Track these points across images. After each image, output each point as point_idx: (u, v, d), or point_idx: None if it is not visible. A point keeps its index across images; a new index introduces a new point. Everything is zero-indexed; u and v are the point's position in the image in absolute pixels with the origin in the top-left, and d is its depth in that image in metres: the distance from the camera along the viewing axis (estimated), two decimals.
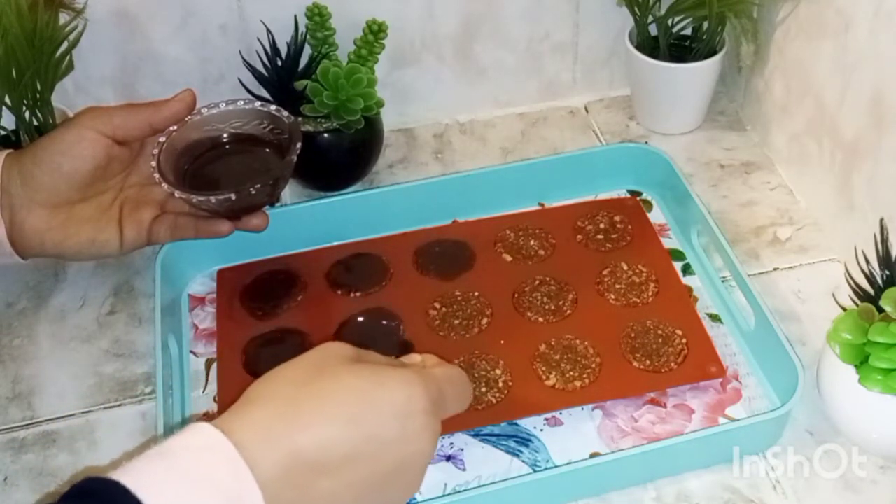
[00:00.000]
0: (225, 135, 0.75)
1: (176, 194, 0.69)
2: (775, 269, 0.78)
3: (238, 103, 0.74)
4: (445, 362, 0.56)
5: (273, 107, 0.74)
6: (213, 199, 0.69)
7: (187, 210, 0.73)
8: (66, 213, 0.69)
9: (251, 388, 0.48)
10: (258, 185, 0.69)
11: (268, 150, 0.74)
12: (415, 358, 0.56)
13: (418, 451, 0.49)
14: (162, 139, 0.71)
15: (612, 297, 0.75)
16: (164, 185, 0.69)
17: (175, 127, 0.72)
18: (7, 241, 0.69)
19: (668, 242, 0.80)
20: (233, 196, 0.69)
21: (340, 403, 0.47)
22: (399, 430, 0.48)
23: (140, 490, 0.41)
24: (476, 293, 0.75)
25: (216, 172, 0.73)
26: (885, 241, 0.63)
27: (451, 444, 0.67)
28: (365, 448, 0.47)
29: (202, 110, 0.74)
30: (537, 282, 0.76)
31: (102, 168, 0.70)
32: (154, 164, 0.70)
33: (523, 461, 0.65)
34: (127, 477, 0.42)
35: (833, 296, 0.66)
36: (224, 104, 0.74)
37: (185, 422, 0.68)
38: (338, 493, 0.46)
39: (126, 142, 0.71)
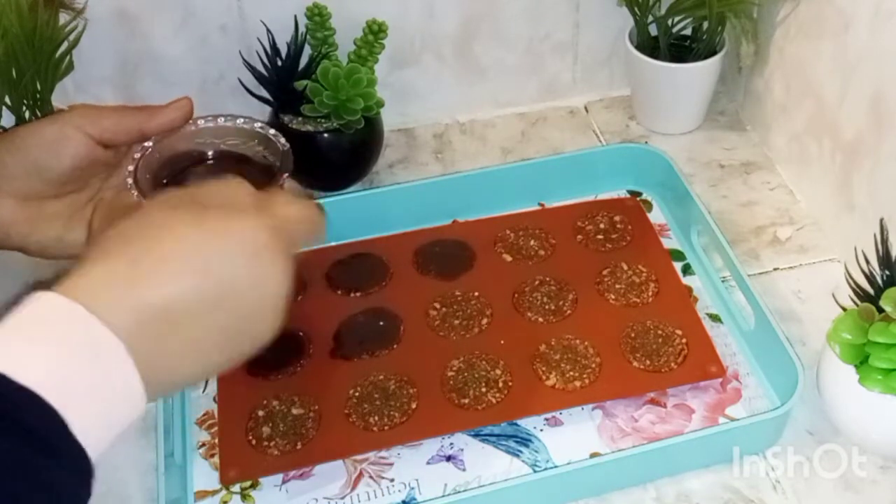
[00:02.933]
0: (213, 150, 0.69)
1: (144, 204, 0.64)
2: (775, 269, 0.78)
3: (238, 121, 0.68)
4: (292, 192, 0.55)
5: (272, 131, 0.68)
6: None
7: None
8: (36, 207, 0.65)
9: (88, 249, 0.47)
10: None
11: (255, 172, 0.67)
12: (268, 192, 0.53)
13: (271, 289, 0.49)
14: (147, 144, 0.66)
15: (612, 297, 0.75)
16: (134, 193, 0.63)
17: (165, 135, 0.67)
18: None
19: (668, 242, 0.80)
20: None
21: (182, 253, 0.46)
22: (249, 272, 0.47)
23: (1, 366, 0.40)
24: (476, 293, 0.75)
25: (197, 184, 0.69)
26: (885, 241, 0.63)
27: (451, 444, 0.67)
28: (217, 292, 0.46)
29: (198, 121, 0.68)
30: (537, 282, 0.76)
31: (82, 169, 0.66)
32: (131, 168, 0.64)
33: (523, 461, 0.65)
34: None
35: (833, 296, 0.66)
36: (222, 119, 0.68)
37: (184, 422, 0.68)
38: (199, 339, 0.46)
39: (112, 145, 0.66)
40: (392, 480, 0.65)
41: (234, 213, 0.49)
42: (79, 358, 0.42)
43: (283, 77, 0.82)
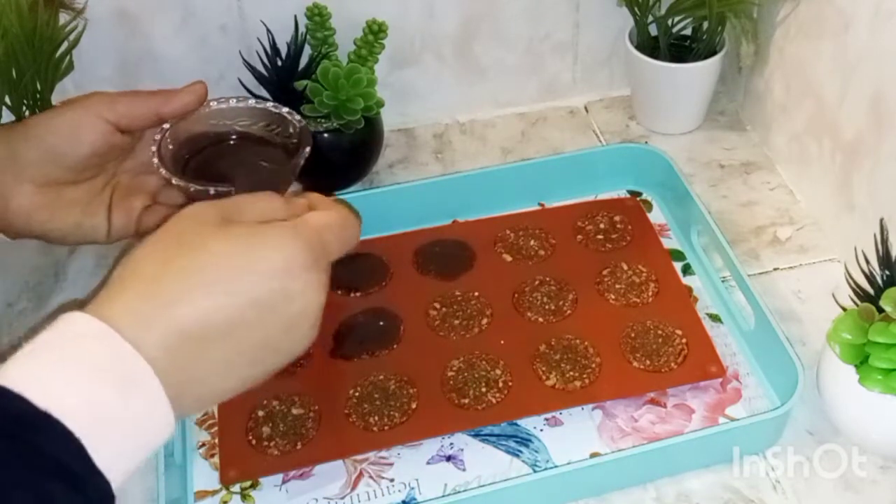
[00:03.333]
0: (231, 132, 0.71)
1: (174, 181, 0.65)
2: (775, 269, 0.78)
3: (249, 101, 0.71)
4: (326, 200, 0.54)
5: (285, 109, 0.70)
6: (211, 190, 0.65)
7: (180, 202, 0.69)
8: (55, 193, 0.66)
9: (116, 271, 0.46)
10: (262, 178, 0.66)
11: (276, 150, 0.70)
12: (299, 202, 0.53)
13: (305, 307, 0.48)
14: (166, 126, 0.67)
15: (612, 297, 0.75)
16: (163, 171, 0.65)
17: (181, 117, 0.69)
18: None
19: (668, 242, 0.80)
20: (233, 190, 0.65)
21: (213, 274, 0.45)
22: (281, 291, 0.46)
23: (23, 388, 0.39)
24: (476, 293, 0.75)
25: (218, 167, 0.70)
26: (885, 241, 0.63)
27: (451, 444, 0.67)
28: (249, 314, 0.45)
29: (211, 103, 0.70)
30: (537, 282, 0.76)
31: (100, 155, 0.66)
32: (154, 149, 0.66)
33: (523, 461, 0.65)
34: (5, 377, 0.40)
35: (833, 296, 0.66)
36: (234, 100, 0.70)
37: (184, 422, 0.68)
38: (230, 360, 0.46)
39: (129, 130, 0.67)
40: (392, 480, 0.65)
41: (265, 228, 0.48)
42: (108, 385, 0.41)
43: (283, 77, 0.82)
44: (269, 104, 0.71)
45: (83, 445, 0.39)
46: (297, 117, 0.69)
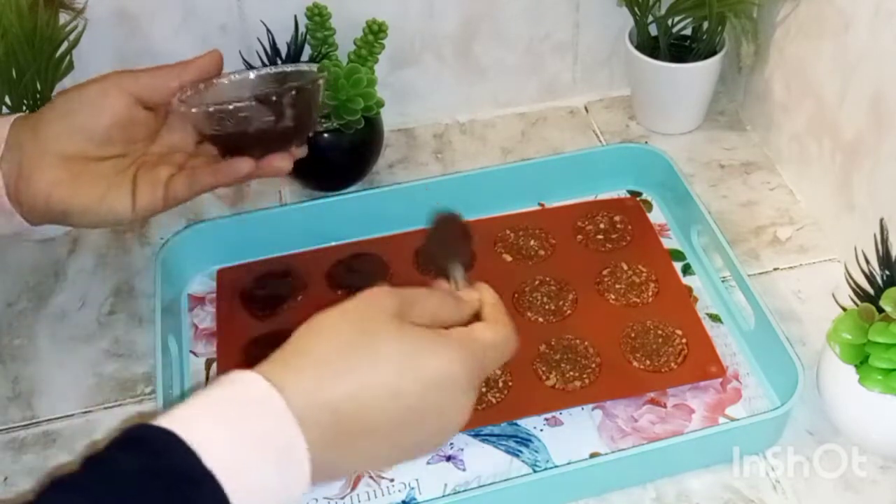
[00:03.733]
0: (252, 96, 0.68)
1: (193, 111, 0.65)
2: (775, 269, 0.78)
3: (268, 69, 0.71)
4: (495, 309, 0.55)
5: (302, 64, 0.72)
6: (230, 106, 0.64)
7: (207, 163, 0.68)
8: (80, 167, 0.65)
9: (297, 339, 0.49)
10: (279, 91, 0.65)
11: (290, 103, 0.67)
12: (471, 297, 0.55)
13: (450, 423, 0.50)
14: (188, 90, 0.68)
15: (612, 297, 0.75)
16: (181, 108, 0.65)
17: (203, 85, 0.69)
18: (6, 199, 0.64)
19: (668, 242, 0.80)
20: (252, 102, 0.64)
21: (380, 372, 0.47)
22: (437, 402, 0.49)
23: (194, 441, 0.41)
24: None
25: (240, 119, 0.67)
26: (885, 241, 0.63)
27: (451, 444, 0.66)
28: (403, 416, 0.48)
29: (232, 75, 0.70)
30: (537, 282, 0.76)
31: (122, 127, 0.66)
32: (176, 98, 0.66)
33: (523, 461, 0.65)
34: (179, 425, 0.42)
35: (833, 296, 0.66)
36: (253, 72, 0.72)
37: None
38: (366, 450, 0.48)
39: (152, 104, 0.67)
40: (392, 480, 0.65)
41: (435, 338, 0.50)
42: (268, 455, 0.43)
43: None
44: (288, 67, 0.71)
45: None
46: (314, 65, 0.70)
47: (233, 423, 0.43)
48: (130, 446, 0.42)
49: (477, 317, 0.55)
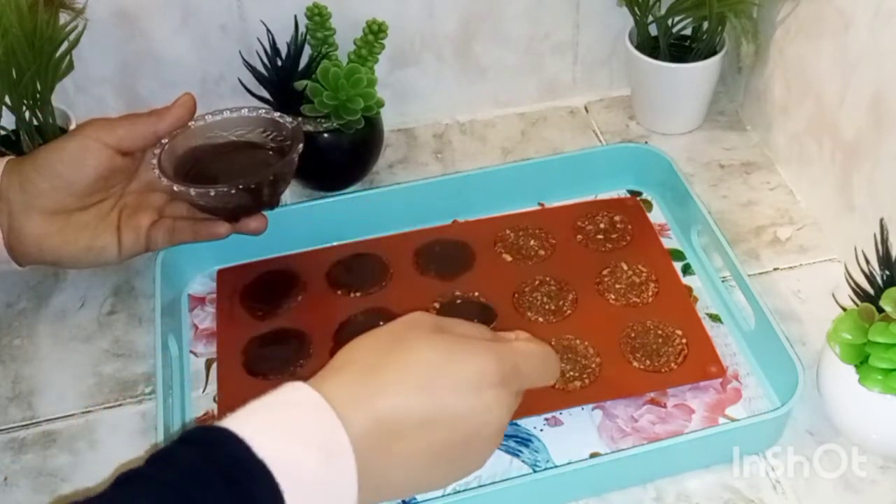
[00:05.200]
0: (227, 142, 0.74)
1: (175, 188, 0.68)
2: (775, 269, 0.78)
3: (242, 111, 0.74)
4: (534, 339, 0.57)
5: (276, 114, 0.74)
6: (212, 191, 0.69)
7: (185, 213, 0.73)
8: (64, 220, 0.69)
9: (339, 355, 0.52)
10: (258, 180, 0.69)
11: (270, 153, 0.74)
12: (507, 335, 0.57)
13: (488, 423, 0.51)
14: (164, 141, 0.71)
15: (612, 297, 0.75)
16: (163, 180, 0.69)
17: (178, 131, 0.72)
18: (4, 248, 0.69)
19: (668, 242, 0.80)
20: (232, 190, 0.69)
21: (416, 373, 0.50)
22: (470, 402, 0.50)
23: (246, 435, 0.44)
24: (476, 293, 0.75)
25: (216, 171, 0.73)
26: (885, 241, 0.63)
27: None
28: (437, 417, 0.49)
29: (206, 117, 0.74)
30: (537, 282, 0.76)
31: (104, 178, 0.70)
32: (154, 161, 0.70)
33: (523, 461, 0.65)
34: (232, 424, 0.45)
35: (833, 296, 0.66)
36: (228, 112, 0.74)
37: (185, 422, 0.68)
38: (411, 457, 0.49)
39: (130, 152, 0.71)
40: None
41: (468, 341, 0.52)
42: (314, 451, 0.46)
43: (283, 77, 0.82)
44: (261, 111, 0.74)
45: (284, 498, 0.44)
46: (289, 119, 0.73)
47: (279, 421, 0.47)
48: (189, 442, 0.46)
49: None
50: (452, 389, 0.50)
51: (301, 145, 0.71)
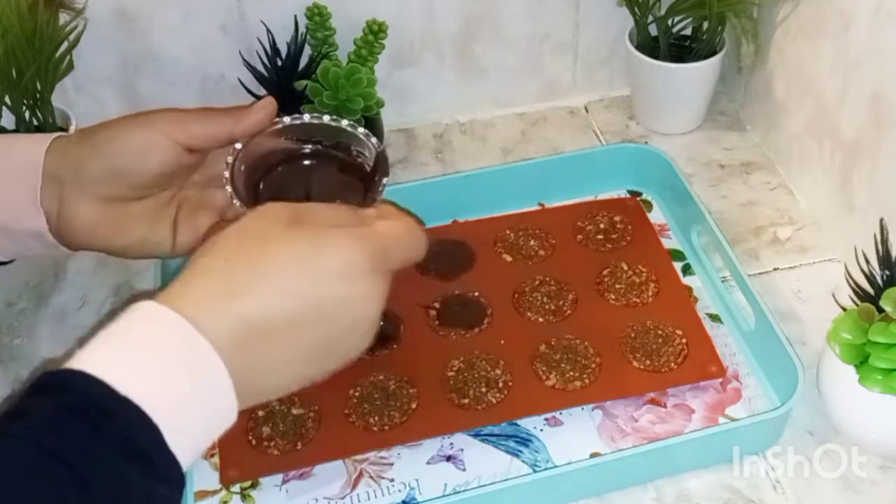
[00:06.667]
0: (304, 150, 0.67)
1: (244, 210, 0.61)
2: (775, 269, 0.78)
3: (324, 118, 0.66)
4: (398, 213, 0.54)
5: (362, 130, 0.65)
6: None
7: None
8: (119, 208, 0.64)
9: (193, 259, 0.48)
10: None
11: (349, 174, 0.66)
12: (369, 213, 0.53)
13: (363, 311, 0.49)
14: (238, 146, 0.64)
15: (612, 297, 0.75)
16: (236, 202, 0.62)
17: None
18: (48, 233, 0.63)
19: (668, 242, 0.80)
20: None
21: (280, 272, 0.47)
22: (341, 294, 0.48)
23: (103, 374, 0.41)
24: (476, 293, 0.75)
25: (290, 184, 0.66)
26: (885, 241, 0.63)
27: (451, 444, 0.67)
28: (310, 314, 0.47)
29: (285, 119, 0.66)
30: (537, 282, 0.76)
31: (168, 174, 0.64)
32: (227, 173, 0.63)
33: (523, 461, 0.65)
34: (85, 364, 0.42)
35: (833, 296, 0.66)
36: (308, 116, 0.66)
37: None
38: (286, 357, 0.47)
39: (199, 150, 0.65)
40: (392, 480, 0.65)
41: (330, 231, 0.49)
42: (180, 371, 0.43)
43: (283, 77, 0.82)
44: (344, 122, 0.66)
45: (160, 430, 0.41)
46: (374, 140, 0.65)
47: (136, 347, 0.43)
48: (42, 392, 0.42)
49: None
50: (321, 285, 0.47)
51: (386, 179, 0.63)
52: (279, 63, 0.82)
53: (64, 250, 0.65)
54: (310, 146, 0.66)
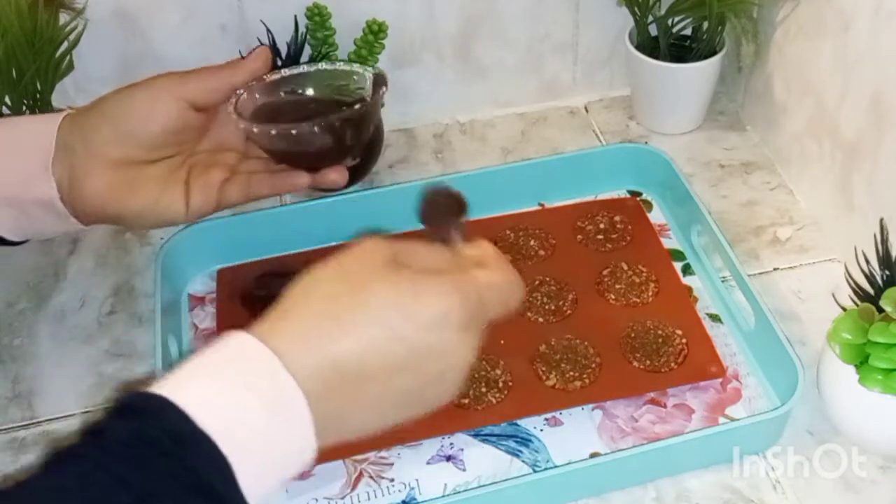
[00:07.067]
0: (303, 97, 0.70)
1: (254, 129, 0.65)
2: (775, 269, 0.78)
3: (320, 65, 0.70)
4: (497, 259, 0.54)
5: (356, 65, 0.70)
6: (294, 130, 0.64)
7: (260, 169, 0.69)
8: (130, 171, 0.64)
9: (290, 294, 0.48)
10: (343, 118, 0.65)
11: (352, 104, 0.69)
12: (470, 256, 0.53)
13: (455, 362, 0.49)
14: (240, 92, 0.67)
15: (612, 297, 0.75)
16: (241, 124, 0.65)
17: (255, 82, 0.69)
18: (59, 202, 0.63)
19: (668, 242, 0.80)
20: (315, 128, 0.64)
21: (375, 318, 0.47)
22: (437, 344, 0.48)
23: (185, 404, 0.41)
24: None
25: (296, 121, 0.67)
26: (885, 241, 0.63)
27: (451, 444, 0.67)
28: (403, 360, 0.47)
29: (283, 70, 0.70)
30: (537, 282, 0.76)
31: (174, 133, 0.66)
32: (231, 108, 0.66)
33: (523, 461, 0.65)
34: (170, 390, 0.42)
35: (833, 296, 0.66)
36: (305, 66, 0.70)
37: None
38: (376, 401, 0.47)
39: (204, 107, 0.67)
40: (392, 480, 0.65)
41: (429, 279, 0.49)
42: (263, 409, 0.43)
43: None
44: (339, 63, 0.70)
45: (231, 467, 0.41)
46: (369, 68, 0.69)
47: (222, 382, 0.43)
48: (124, 414, 0.42)
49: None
50: (417, 331, 0.47)
51: (384, 88, 0.67)
52: (279, 63, 0.82)
53: (75, 223, 0.65)
54: (309, 92, 0.70)
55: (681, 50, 0.88)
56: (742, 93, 0.92)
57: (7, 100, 0.77)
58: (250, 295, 0.76)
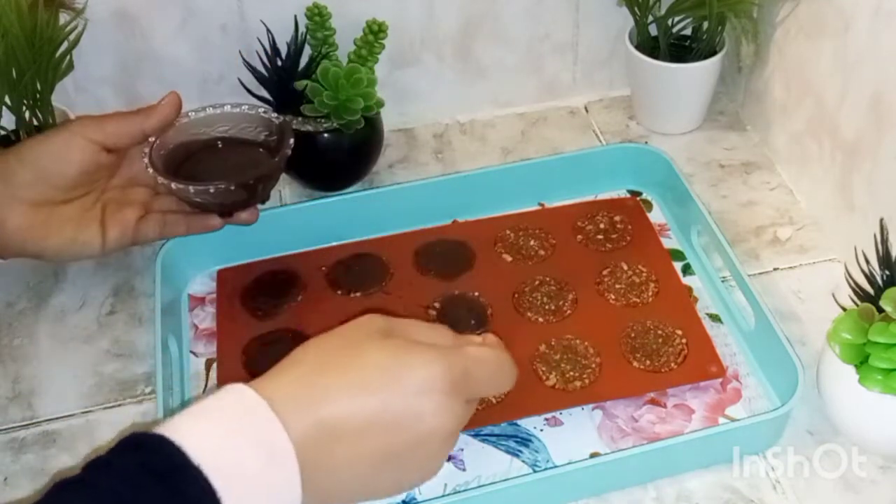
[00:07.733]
0: (214, 138, 0.75)
1: (172, 186, 0.69)
2: (775, 269, 0.78)
3: (225, 108, 0.75)
4: (493, 341, 0.57)
5: (261, 109, 0.75)
6: (211, 188, 0.69)
7: (174, 208, 0.74)
8: (48, 212, 0.70)
9: (291, 354, 0.52)
10: (256, 176, 0.70)
11: (260, 150, 0.75)
12: (470, 339, 0.56)
13: (434, 430, 0.51)
14: (152, 139, 0.72)
15: (612, 297, 0.75)
16: (159, 178, 0.69)
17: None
18: None
19: (668, 242, 0.80)
20: (231, 187, 0.69)
21: (362, 377, 0.50)
22: (414, 407, 0.50)
23: (184, 444, 0.44)
24: (476, 293, 0.75)
25: (207, 168, 0.73)
26: (885, 241, 0.63)
27: None
28: (379, 420, 0.49)
29: (190, 114, 0.74)
30: (537, 282, 0.76)
31: (88, 174, 0.70)
32: (146, 160, 0.70)
33: (523, 461, 0.65)
34: (170, 431, 0.45)
35: (833, 296, 0.66)
36: (211, 108, 0.75)
37: None
38: (354, 461, 0.49)
39: (116, 149, 0.71)
40: None
41: (419, 347, 0.52)
42: (253, 457, 0.46)
43: (283, 77, 0.82)
44: (244, 107, 0.75)
45: (217, 493, 0.44)
46: (275, 115, 0.74)
47: (220, 427, 0.46)
48: (125, 449, 0.46)
49: None
50: (397, 394, 0.49)
51: (291, 140, 0.72)
52: (279, 63, 0.82)
53: None
54: (219, 133, 0.75)
55: (681, 50, 0.88)
56: (742, 93, 0.92)
57: (7, 100, 0.77)
58: (250, 295, 0.77)
